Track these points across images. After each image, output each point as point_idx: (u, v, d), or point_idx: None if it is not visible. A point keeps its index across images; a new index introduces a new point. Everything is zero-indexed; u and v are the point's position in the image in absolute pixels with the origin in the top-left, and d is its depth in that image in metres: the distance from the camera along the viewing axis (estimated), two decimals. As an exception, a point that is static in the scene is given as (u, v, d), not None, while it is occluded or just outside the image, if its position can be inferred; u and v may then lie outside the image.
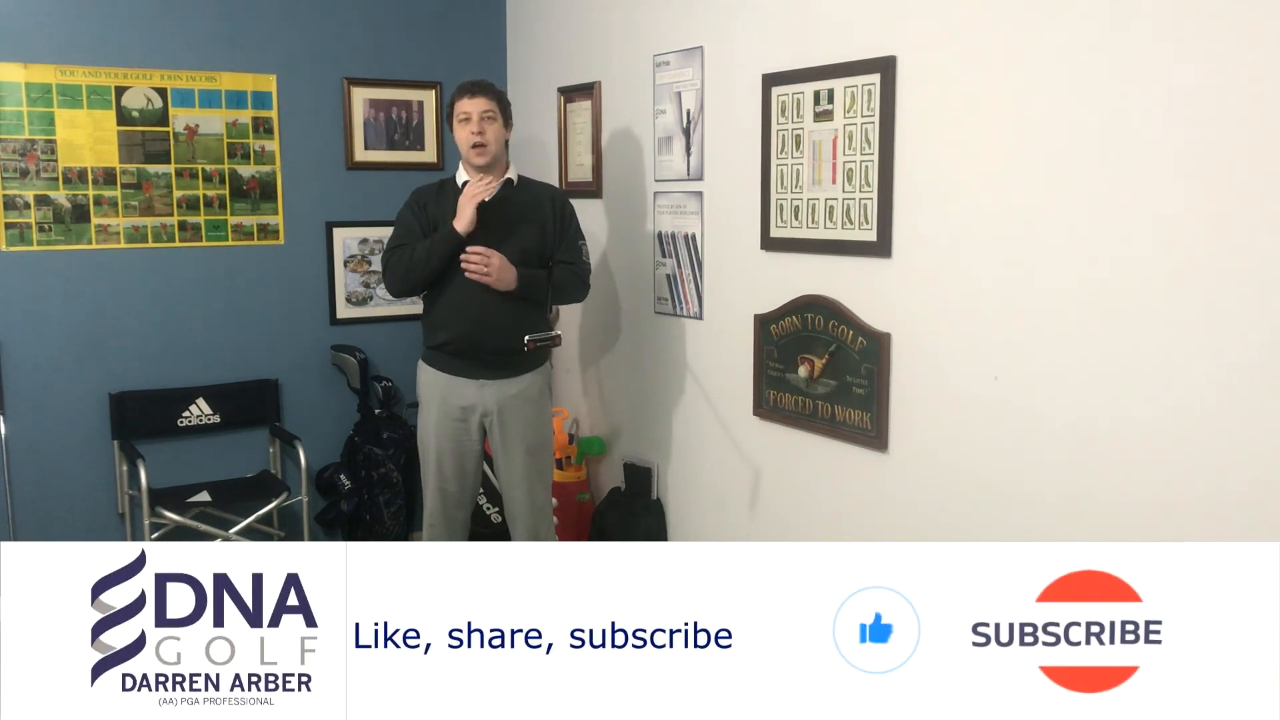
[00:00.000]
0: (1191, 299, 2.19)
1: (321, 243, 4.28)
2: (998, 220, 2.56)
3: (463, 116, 3.25)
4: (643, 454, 3.91)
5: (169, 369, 4.03)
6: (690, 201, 3.55)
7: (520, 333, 3.23)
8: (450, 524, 3.40)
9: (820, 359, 3.07)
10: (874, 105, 2.82)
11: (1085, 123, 2.35)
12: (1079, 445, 2.42)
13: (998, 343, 2.59)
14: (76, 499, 3.93)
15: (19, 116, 3.73)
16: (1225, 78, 2.11)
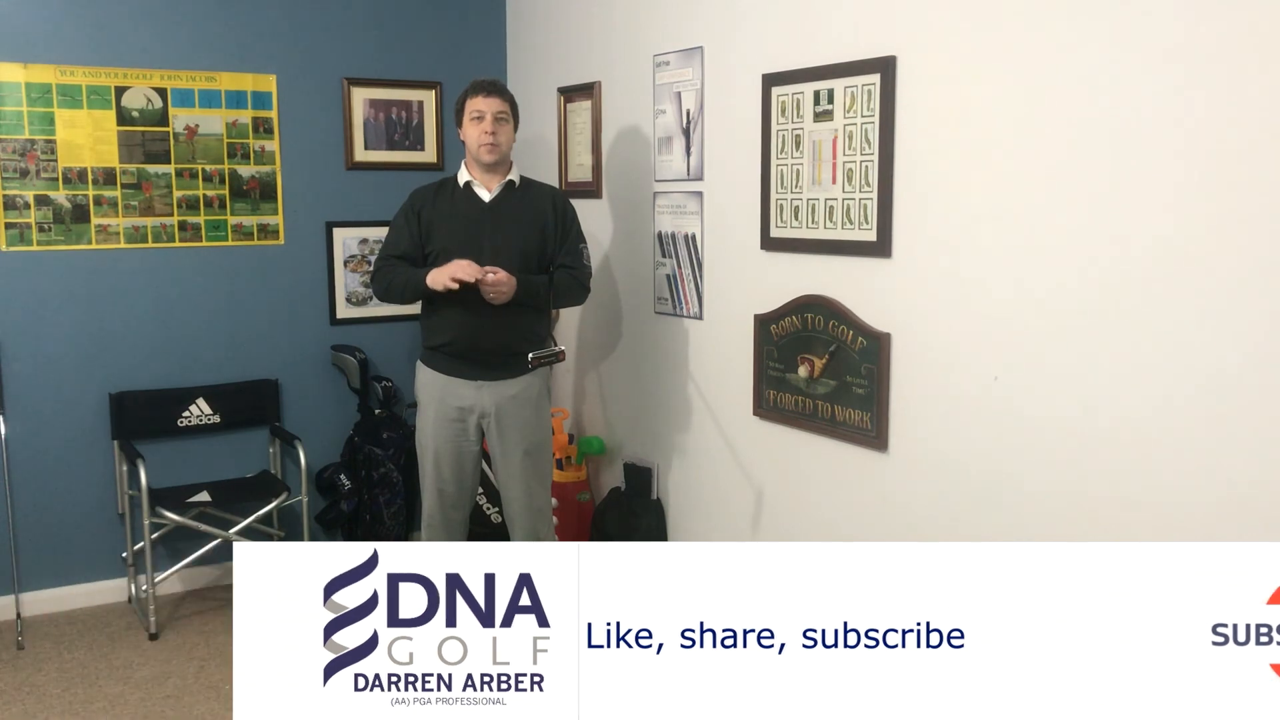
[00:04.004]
0: (1191, 299, 2.19)
1: (321, 243, 4.28)
2: (998, 220, 2.56)
3: (476, 115, 3.25)
4: (643, 454, 3.91)
5: (169, 369, 4.03)
6: (690, 201, 3.55)
7: (519, 335, 3.24)
8: (449, 524, 3.40)
9: (820, 359, 3.07)
10: (874, 105, 2.82)
11: (1085, 122, 2.35)
12: (1079, 445, 2.42)
13: (998, 343, 2.59)
14: (76, 499, 3.93)
15: (19, 116, 3.74)
16: (1226, 78, 2.11)
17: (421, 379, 3.37)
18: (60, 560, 3.93)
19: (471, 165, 3.32)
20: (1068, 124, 2.38)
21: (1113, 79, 2.29)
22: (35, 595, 3.87)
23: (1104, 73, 2.31)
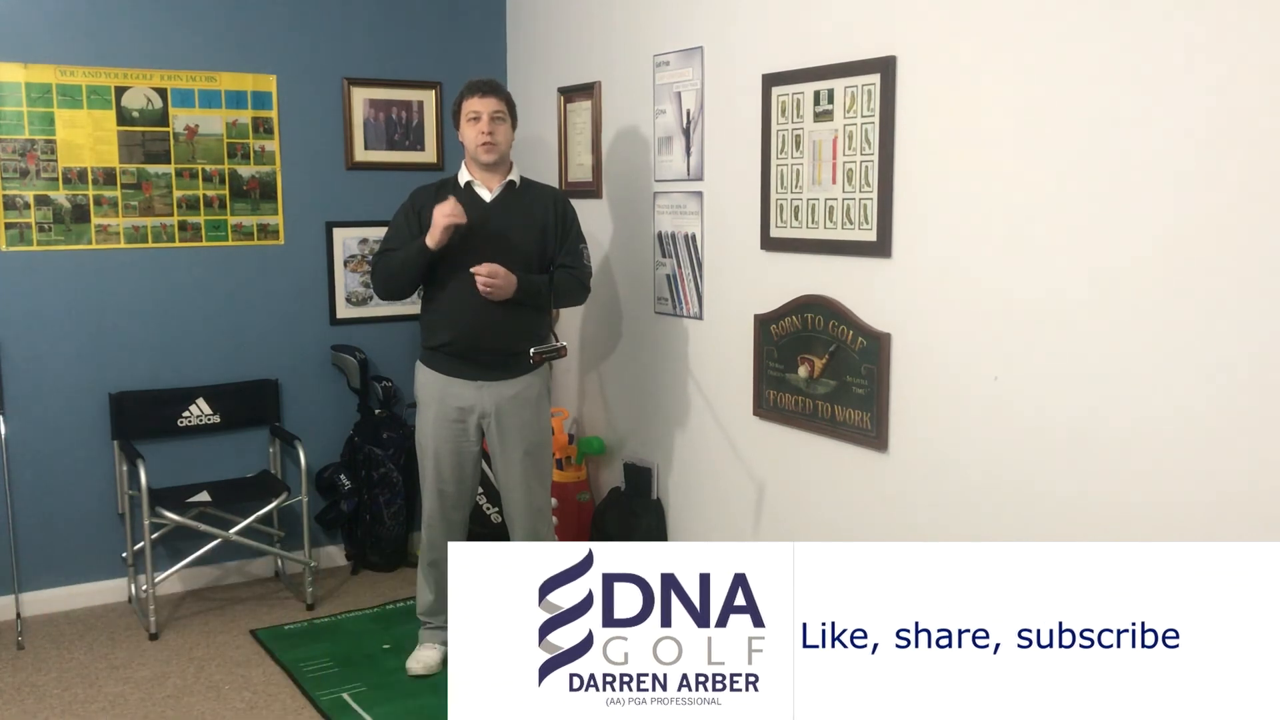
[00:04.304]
0: (1192, 299, 2.19)
1: (321, 243, 4.28)
2: (998, 220, 2.56)
3: (472, 115, 3.25)
4: (643, 454, 3.91)
5: (169, 369, 4.03)
6: (690, 201, 3.55)
7: (519, 335, 3.23)
8: (448, 525, 3.39)
9: (820, 359, 3.07)
10: (874, 105, 2.82)
11: (1085, 123, 2.35)
12: (1079, 445, 2.42)
13: (998, 343, 2.59)
14: (76, 499, 3.93)
15: (19, 116, 3.73)
16: (1226, 78, 2.11)
17: (421, 379, 3.37)
18: (60, 560, 3.92)
19: (471, 165, 3.32)
20: (1068, 123, 2.38)
21: (1113, 78, 2.29)
22: (35, 595, 3.87)
23: (1104, 72, 2.31)
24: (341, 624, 3.83)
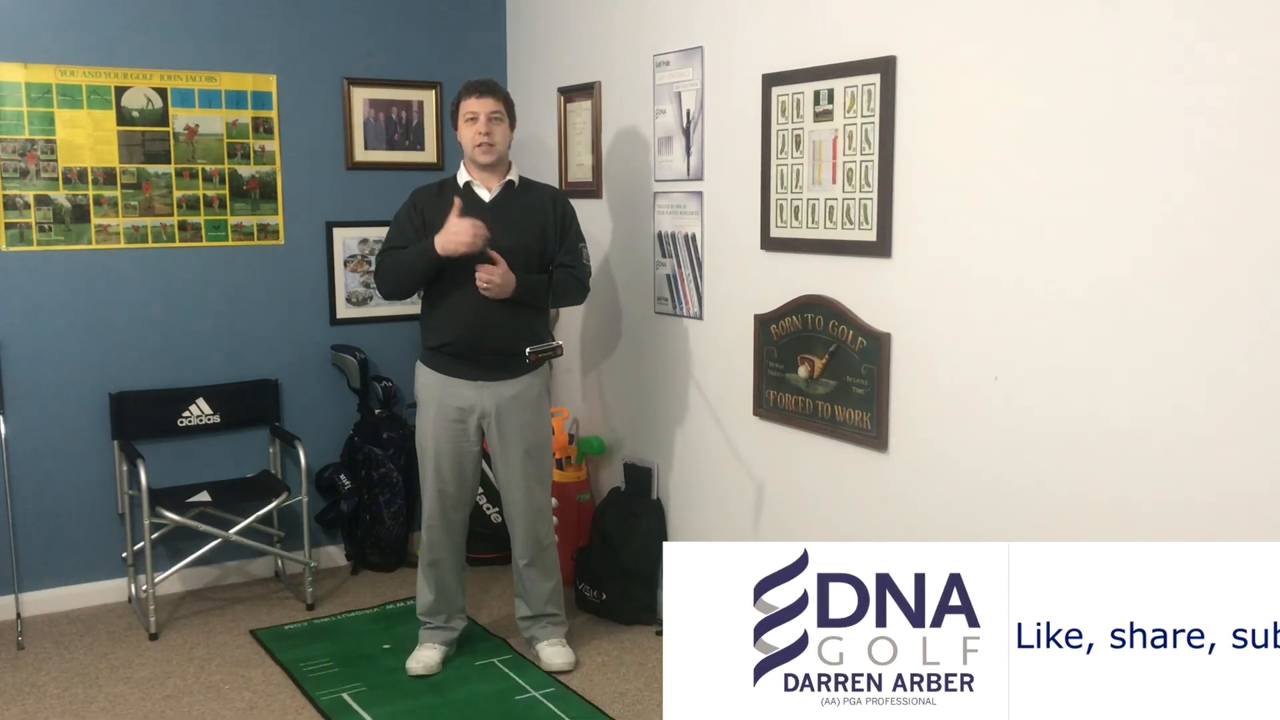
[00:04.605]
0: (1192, 299, 2.19)
1: (321, 243, 4.28)
2: (998, 220, 2.56)
3: (470, 116, 3.25)
4: (643, 454, 3.91)
5: (169, 369, 4.03)
6: (690, 201, 3.55)
7: (519, 335, 3.23)
8: (449, 525, 3.40)
9: (820, 359, 3.07)
10: (874, 105, 2.82)
11: (1085, 123, 2.35)
12: (1079, 445, 2.42)
13: (998, 343, 2.59)
14: (76, 499, 3.93)
15: (19, 116, 3.73)
16: (1227, 79, 2.11)
17: (421, 380, 3.37)
18: (60, 560, 3.92)
19: (470, 166, 3.32)
20: (1068, 123, 2.38)
21: (1113, 77, 2.29)
22: (35, 595, 3.87)
23: (1105, 72, 2.31)
24: (341, 624, 3.83)
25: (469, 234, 3.10)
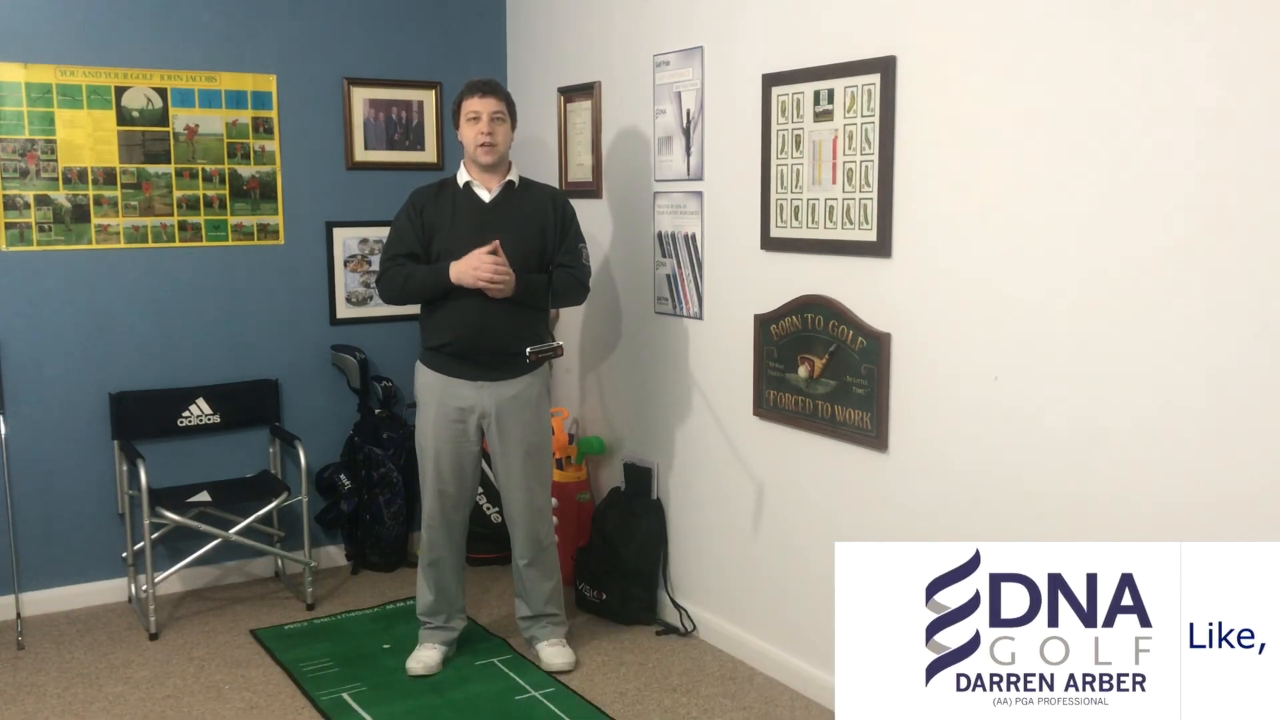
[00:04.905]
0: (1192, 299, 2.19)
1: (321, 243, 4.28)
2: (998, 220, 2.56)
3: (472, 115, 3.25)
4: (643, 454, 3.91)
5: (169, 369, 4.03)
6: (690, 201, 3.55)
7: (519, 335, 3.23)
8: (449, 525, 3.40)
9: (820, 359, 3.07)
10: (874, 105, 2.82)
11: (1085, 123, 2.35)
12: (1079, 445, 2.42)
13: (998, 343, 2.59)
14: (76, 499, 3.93)
15: (19, 116, 3.73)
16: (1228, 79, 2.11)
17: (421, 379, 3.37)
18: (60, 560, 3.92)
19: (470, 166, 3.32)
20: (1068, 123, 2.39)
21: (1114, 78, 2.29)
22: (35, 595, 3.87)
23: (1105, 72, 2.31)
24: (341, 624, 3.83)
25: (489, 272, 3.12)
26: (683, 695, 3.27)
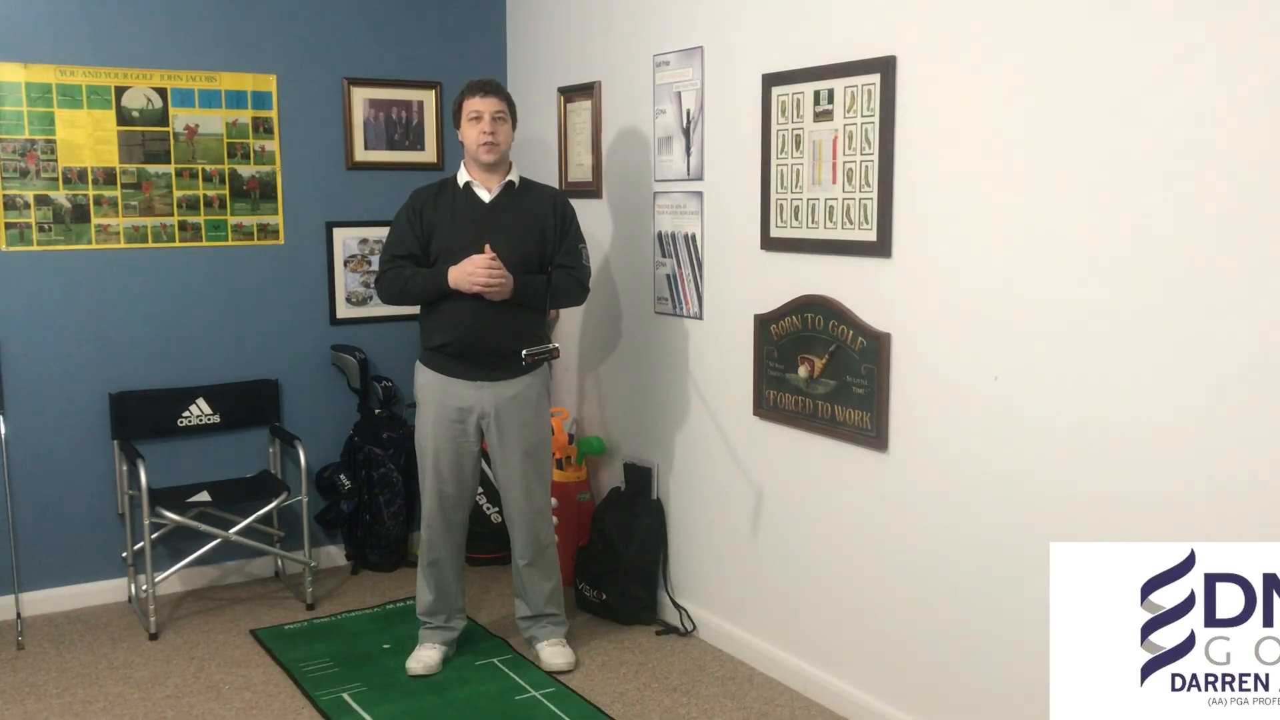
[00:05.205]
0: (1192, 299, 2.19)
1: (321, 243, 4.28)
2: (998, 220, 2.56)
3: (474, 115, 3.25)
4: (643, 454, 3.91)
5: (169, 369, 4.03)
6: (690, 201, 3.55)
7: (518, 336, 3.24)
8: (449, 525, 3.40)
9: (820, 359, 3.07)
10: (874, 105, 2.82)
11: (1085, 123, 2.35)
12: (1079, 445, 2.42)
13: (998, 343, 2.59)
14: (76, 499, 3.93)
15: (19, 116, 3.73)
16: (1228, 78, 2.11)
17: (421, 379, 3.37)
18: (60, 560, 3.92)
19: (471, 166, 3.32)
20: (1068, 123, 2.39)
21: (1114, 77, 2.29)
22: (35, 595, 3.87)
23: (1105, 72, 2.31)
24: (341, 624, 3.83)
25: (484, 278, 3.12)
26: (683, 695, 3.27)
